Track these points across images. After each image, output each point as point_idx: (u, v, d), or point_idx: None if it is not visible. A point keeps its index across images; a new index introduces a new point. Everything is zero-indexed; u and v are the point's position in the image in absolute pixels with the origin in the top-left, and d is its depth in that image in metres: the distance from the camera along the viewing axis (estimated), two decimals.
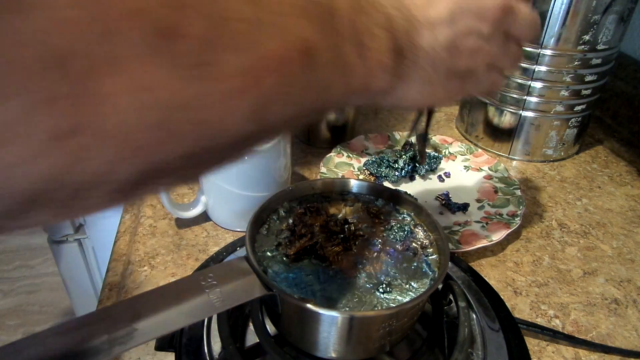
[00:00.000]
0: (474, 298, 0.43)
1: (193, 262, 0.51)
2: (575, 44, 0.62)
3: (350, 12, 0.25)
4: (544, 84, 0.66)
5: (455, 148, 0.70)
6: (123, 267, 0.50)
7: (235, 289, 0.31)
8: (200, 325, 0.40)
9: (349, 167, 0.64)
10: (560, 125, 0.69)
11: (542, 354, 0.43)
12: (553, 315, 0.47)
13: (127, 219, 0.57)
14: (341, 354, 0.34)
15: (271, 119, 0.22)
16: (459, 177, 0.65)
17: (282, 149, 0.52)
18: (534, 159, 0.72)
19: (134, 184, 0.17)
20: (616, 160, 0.74)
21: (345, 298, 0.33)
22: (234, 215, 0.54)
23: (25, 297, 1.77)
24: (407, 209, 0.41)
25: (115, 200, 0.18)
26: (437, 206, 0.59)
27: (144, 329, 0.27)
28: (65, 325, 0.26)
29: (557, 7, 0.60)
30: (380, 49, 0.27)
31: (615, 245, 0.56)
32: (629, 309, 0.48)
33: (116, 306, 0.28)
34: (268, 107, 0.21)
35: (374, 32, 0.27)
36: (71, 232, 1.15)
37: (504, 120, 0.71)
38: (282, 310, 0.33)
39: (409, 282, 0.35)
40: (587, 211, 0.62)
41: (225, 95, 0.18)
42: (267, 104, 0.21)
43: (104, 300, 0.46)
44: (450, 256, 0.40)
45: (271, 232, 0.38)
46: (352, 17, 0.25)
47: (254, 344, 0.39)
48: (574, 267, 0.53)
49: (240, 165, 0.50)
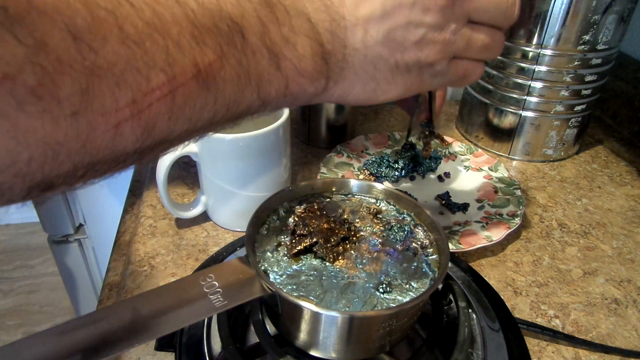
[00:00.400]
0: (474, 298, 0.43)
1: (193, 262, 0.51)
2: (575, 44, 0.62)
3: (260, 28, 0.26)
4: (544, 84, 0.66)
5: (455, 148, 0.70)
6: (123, 267, 0.50)
7: (235, 289, 0.31)
8: (200, 325, 0.40)
9: (349, 167, 0.64)
10: (560, 125, 0.69)
11: (542, 354, 0.43)
12: (553, 315, 0.47)
13: (127, 219, 0.57)
14: (341, 354, 0.34)
15: (167, 136, 0.24)
16: (459, 177, 0.65)
17: (282, 149, 0.52)
18: (534, 159, 0.72)
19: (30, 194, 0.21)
20: (616, 160, 0.74)
21: (345, 298, 0.33)
22: (234, 215, 0.54)
23: (25, 297, 1.77)
24: (407, 209, 0.41)
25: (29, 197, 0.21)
26: (437, 206, 0.59)
27: (144, 329, 0.27)
28: (65, 325, 0.26)
29: (557, 7, 0.60)
30: (300, 56, 0.28)
31: (615, 245, 0.56)
32: (629, 309, 0.48)
33: (116, 306, 0.28)
34: (160, 126, 0.23)
35: (292, 41, 0.28)
36: (71, 232, 1.15)
37: (504, 120, 0.71)
38: (282, 310, 0.33)
39: (409, 282, 0.35)
40: (587, 211, 0.62)
41: (111, 124, 0.21)
42: (158, 124, 0.23)
43: (104, 300, 0.46)
44: (450, 256, 0.40)
45: (271, 232, 0.38)
46: (263, 32, 0.26)
47: (254, 344, 0.39)
48: (574, 267, 0.53)
49: (240, 165, 0.50)
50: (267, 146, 0.50)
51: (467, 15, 0.33)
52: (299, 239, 0.36)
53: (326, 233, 0.36)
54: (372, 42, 0.31)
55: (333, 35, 0.30)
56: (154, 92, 0.22)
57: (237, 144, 0.48)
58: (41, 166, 0.19)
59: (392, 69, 0.33)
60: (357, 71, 0.32)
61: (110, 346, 0.26)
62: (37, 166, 0.19)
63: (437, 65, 0.34)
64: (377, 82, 0.33)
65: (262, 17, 0.27)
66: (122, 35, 0.20)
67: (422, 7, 0.31)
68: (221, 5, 0.25)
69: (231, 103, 0.27)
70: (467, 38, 0.34)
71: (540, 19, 0.62)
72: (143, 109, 0.22)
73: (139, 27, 0.21)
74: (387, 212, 0.41)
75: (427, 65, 0.33)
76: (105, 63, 0.20)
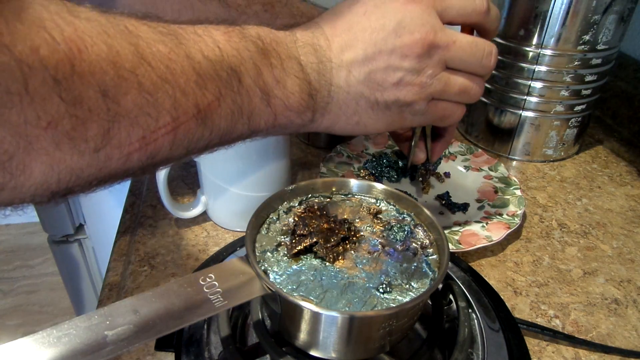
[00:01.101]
0: (474, 298, 0.43)
1: (193, 262, 0.51)
2: (575, 44, 0.62)
3: (255, 72, 0.31)
4: (544, 84, 0.66)
5: (455, 148, 0.70)
6: (123, 267, 0.50)
7: (235, 289, 0.31)
8: (200, 325, 0.40)
9: (349, 167, 0.64)
10: (560, 125, 0.69)
11: (542, 354, 0.43)
12: (553, 315, 0.47)
13: (127, 219, 0.57)
14: (341, 354, 0.34)
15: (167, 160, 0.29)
16: (459, 177, 0.65)
17: (282, 149, 0.52)
18: (534, 159, 0.72)
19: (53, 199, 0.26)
20: (616, 160, 0.74)
21: (345, 298, 0.33)
22: (234, 215, 0.54)
23: (25, 297, 1.77)
24: (407, 209, 0.41)
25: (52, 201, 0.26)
26: (437, 206, 0.59)
27: (144, 329, 0.27)
28: (65, 325, 0.26)
29: (557, 7, 0.60)
30: (289, 93, 0.34)
31: (615, 245, 0.56)
32: (629, 309, 0.48)
33: (116, 306, 0.28)
34: (163, 154, 0.28)
35: (282, 81, 0.33)
36: (71, 232, 1.15)
37: (504, 120, 0.71)
38: (282, 310, 0.33)
39: (409, 282, 0.35)
40: (587, 211, 0.62)
41: (124, 154, 0.26)
42: (161, 152, 0.28)
43: (104, 300, 0.46)
44: (450, 256, 0.40)
45: (271, 232, 0.38)
46: (257, 75, 0.32)
47: (254, 344, 0.39)
48: (574, 267, 0.53)
49: (240, 165, 0.50)
50: (267, 146, 0.50)
51: (444, 62, 0.37)
52: (299, 239, 0.36)
53: (326, 233, 0.36)
54: (355, 81, 0.36)
55: (320, 74, 0.35)
56: (160, 129, 0.27)
57: (237, 144, 0.48)
58: (66, 184, 0.25)
59: (372, 105, 0.37)
60: (340, 106, 0.37)
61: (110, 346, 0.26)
62: (63, 184, 0.25)
63: (415, 105, 0.38)
64: (359, 116, 0.38)
65: (258, 62, 0.32)
66: (139, 89, 0.25)
67: (401, 53, 0.35)
68: (224, 56, 0.30)
69: (224, 134, 0.31)
70: (444, 82, 0.37)
71: (540, 19, 0.62)
72: (150, 142, 0.27)
73: (154, 80, 0.26)
74: (387, 212, 0.41)
75: (406, 105, 0.37)
76: (124, 111, 0.25)
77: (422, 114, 0.39)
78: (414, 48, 0.35)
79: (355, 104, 0.37)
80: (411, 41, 0.35)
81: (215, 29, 0.31)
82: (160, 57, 0.26)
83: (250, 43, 0.32)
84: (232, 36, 0.31)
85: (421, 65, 0.36)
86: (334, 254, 0.36)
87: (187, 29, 0.29)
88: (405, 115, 0.39)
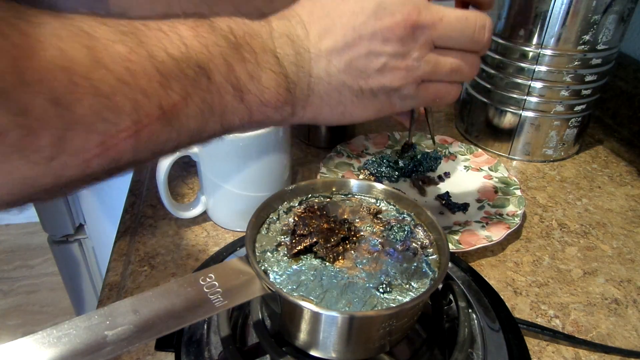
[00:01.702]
0: (474, 298, 0.43)
1: (193, 262, 0.51)
2: (575, 44, 0.62)
3: (225, 68, 0.30)
4: (544, 84, 0.66)
5: (455, 148, 0.70)
6: (123, 267, 0.50)
7: (235, 289, 0.31)
8: (200, 325, 0.40)
9: (349, 167, 0.64)
10: (560, 125, 0.69)
11: (542, 354, 0.43)
12: (553, 315, 0.47)
13: (127, 219, 0.57)
14: (341, 354, 0.34)
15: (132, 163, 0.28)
16: (459, 177, 0.65)
17: (282, 149, 0.52)
18: (534, 159, 0.72)
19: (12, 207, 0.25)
20: (616, 160, 0.74)
21: (345, 298, 0.33)
22: (234, 215, 0.54)
23: (25, 297, 1.77)
24: (407, 209, 0.41)
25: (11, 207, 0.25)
26: (437, 206, 0.59)
27: (144, 329, 0.27)
28: (65, 325, 0.26)
29: (557, 7, 0.60)
30: (264, 89, 0.32)
31: (615, 245, 0.56)
32: (629, 309, 0.48)
33: (116, 306, 0.28)
34: (126, 158, 0.27)
35: (256, 76, 0.31)
36: (71, 232, 1.15)
37: (504, 120, 0.71)
38: (282, 310, 0.33)
39: (409, 282, 0.35)
40: (587, 211, 0.62)
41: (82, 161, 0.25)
42: (124, 157, 0.27)
43: (104, 300, 0.46)
44: (450, 256, 0.40)
45: (271, 232, 0.38)
46: (228, 72, 0.30)
47: (254, 344, 0.39)
48: (574, 267, 0.53)
49: (240, 165, 0.50)
50: (267, 146, 0.50)
51: (431, 42, 0.34)
52: (299, 239, 0.36)
53: (326, 233, 0.36)
54: (335, 70, 0.34)
55: (298, 67, 0.33)
56: (121, 134, 0.25)
57: (237, 144, 0.48)
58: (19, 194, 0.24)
59: (357, 94, 0.35)
60: (322, 97, 0.35)
61: (110, 346, 0.26)
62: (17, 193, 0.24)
63: (403, 89, 0.35)
64: (344, 106, 0.36)
65: (229, 58, 0.30)
66: (95, 94, 0.24)
67: (382, 37, 0.33)
68: (190, 53, 0.28)
69: (195, 134, 0.30)
70: (433, 63, 0.35)
71: (540, 19, 0.62)
72: (110, 148, 0.25)
73: (111, 83, 0.24)
74: (387, 212, 0.41)
75: (393, 90, 0.35)
76: (78, 117, 0.23)
77: (413, 98, 0.36)
78: (395, 30, 0.33)
79: (338, 94, 0.35)
80: (392, 23, 0.33)
81: (182, 24, 0.29)
82: (119, 59, 0.25)
83: (221, 37, 0.30)
84: (200, 31, 0.29)
85: (405, 48, 0.33)
86: (334, 254, 0.36)
87: (151, 25, 0.27)
88: (394, 101, 0.36)
